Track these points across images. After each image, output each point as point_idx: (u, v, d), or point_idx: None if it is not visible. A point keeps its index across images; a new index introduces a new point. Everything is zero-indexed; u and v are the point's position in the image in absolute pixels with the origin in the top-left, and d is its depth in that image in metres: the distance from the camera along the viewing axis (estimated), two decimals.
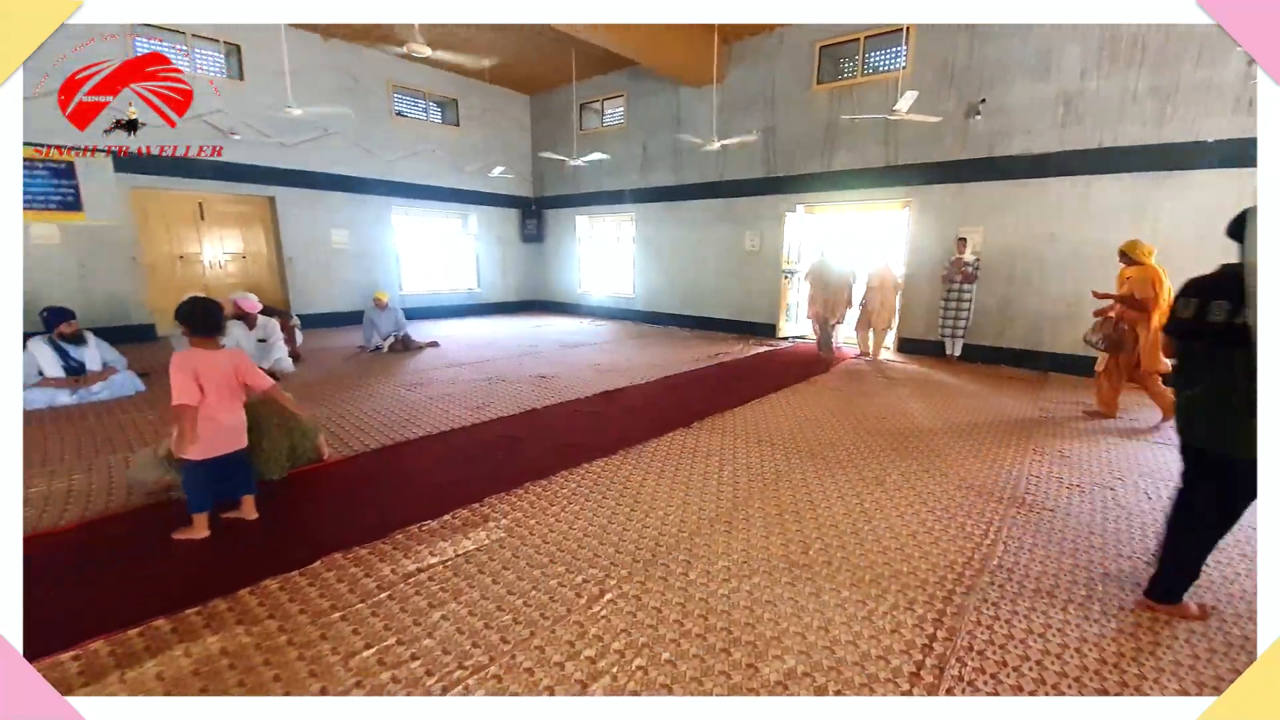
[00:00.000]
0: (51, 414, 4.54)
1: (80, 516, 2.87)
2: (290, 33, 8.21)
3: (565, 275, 12.60)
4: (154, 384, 5.33)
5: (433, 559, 2.49)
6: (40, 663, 1.83)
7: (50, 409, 4.62)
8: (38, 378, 4.72)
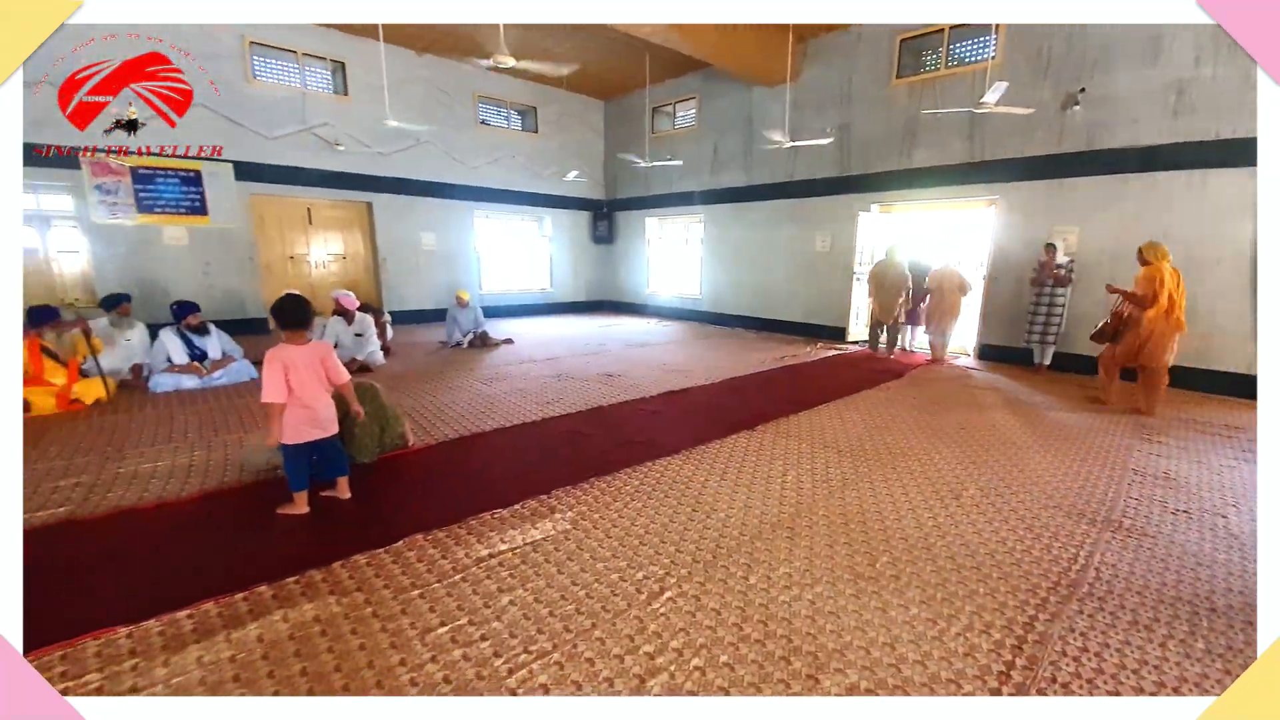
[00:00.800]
0: (177, 396, 5.07)
1: (199, 489, 3.18)
2: (389, 49, 8.73)
3: (634, 276, 12.71)
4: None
5: (503, 546, 2.58)
6: (159, 619, 2.05)
7: (177, 392, 5.16)
8: (166, 364, 5.27)
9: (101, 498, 3.05)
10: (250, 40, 8.22)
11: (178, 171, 7.80)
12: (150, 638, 1.96)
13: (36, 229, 7.27)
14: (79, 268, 7.53)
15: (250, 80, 8.29)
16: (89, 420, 4.40)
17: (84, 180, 7.22)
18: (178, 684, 1.75)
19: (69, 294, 7.41)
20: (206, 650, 1.90)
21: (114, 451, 3.74)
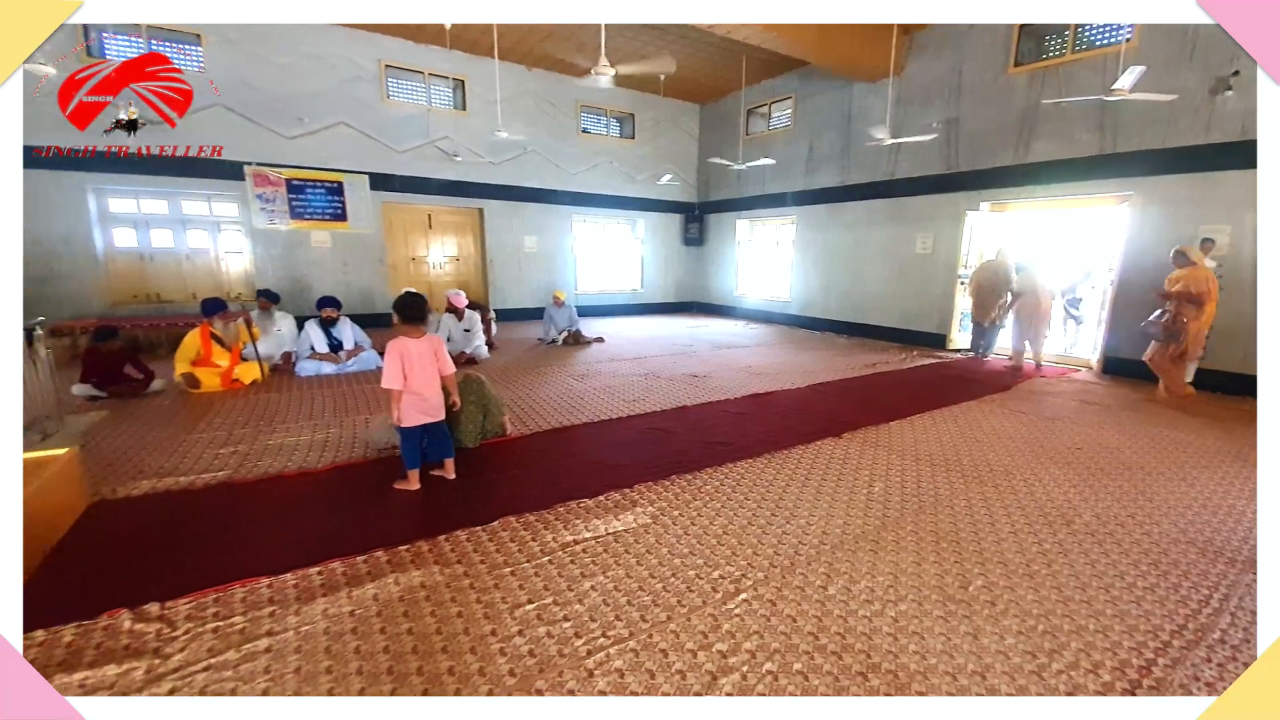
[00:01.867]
0: (317, 380, 5.67)
1: (332, 462, 3.55)
2: (502, 66, 9.23)
3: (723, 278, 12.59)
4: None
5: (587, 533, 2.68)
6: (295, 573, 2.32)
7: (317, 376, 5.77)
8: (309, 351, 5.91)
9: (254, 464, 3.49)
10: (386, 64, 8.99)
11: (324, 182, 8.71)
12: (286, 589, 2.23)
13: (209, 232, 8.39)
14: (242, 266, 8.60)
15: (385, 100, 9.08)
16: (246, 398, 5.03)
17: (248, 190, 8.24)
18: (306, 632, 1.97)
19: (233, 289, 8.48)
20: (331, 604, 2.13)
21: (265, 426, 4.25)
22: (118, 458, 3.56)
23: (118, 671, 1.77)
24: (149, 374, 5.12)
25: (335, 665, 1.82)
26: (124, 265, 7.90)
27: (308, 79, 8.44)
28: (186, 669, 1.79)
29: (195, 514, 2.86)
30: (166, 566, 2.37)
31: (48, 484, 2.54)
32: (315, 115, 8.56)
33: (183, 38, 7.72)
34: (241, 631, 1.97)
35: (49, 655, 1.84)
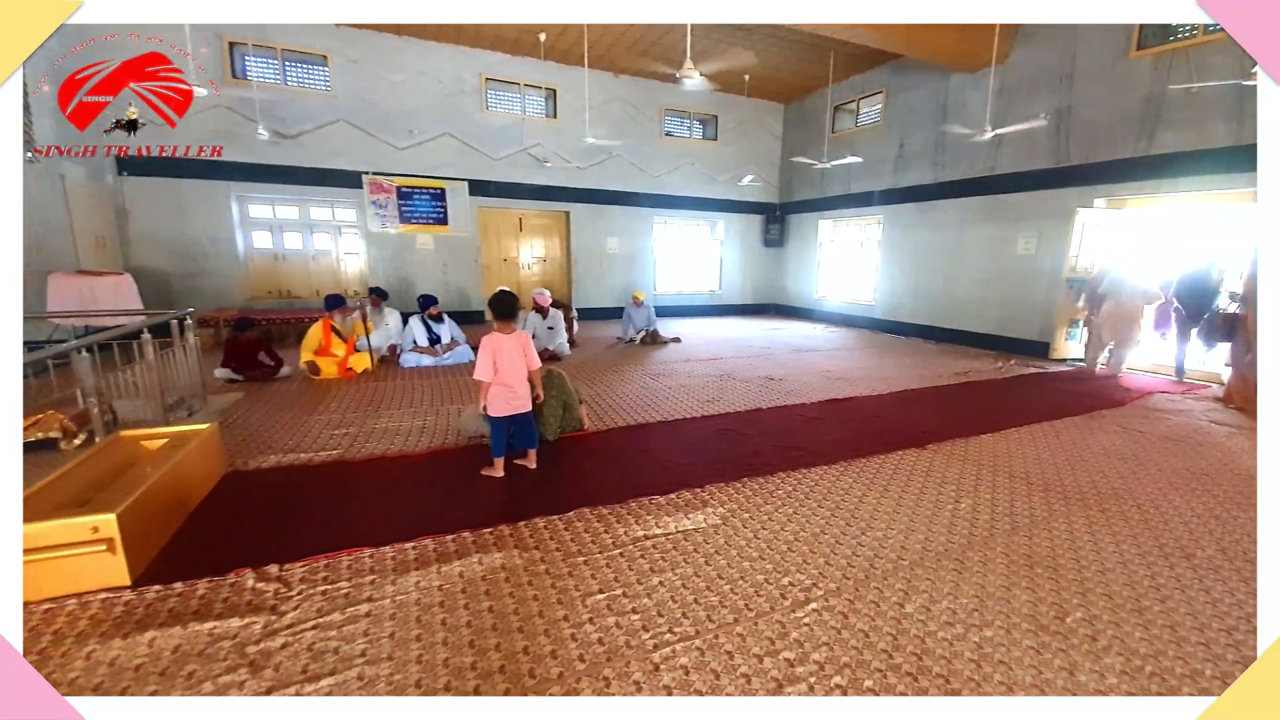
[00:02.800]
0: (418, 371, 6.06)
1: (428, 446, 3.79)
2: (591, 74, 9.44)
3: (803, 280, 12.19)
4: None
5: (658, 530, 2.69)
6: (393, 546, 2.49)
7: (418, 367, 6.17)
8: (412, 345, 6.33)
9: (362, 446, 3.79)
10: (486, 77, 9.45)
11: (429, 189, 9.31)
12: (385, 560, 2.40)
13: (331, 235, 9.18)
14: (358, 266, 9.35)
15: (484, 111, 9.55)
16: (358, 385, 5.47)
17: (364, 197, 8.94)
18: (400, 601, 2.12)
19: (350, 286, 9.22)
20: (422, 577, 2.27)
21: (373, 411, 4.61)
22: (250, 434, 3.98)
23: (240, 624, 1.98)
24: (279, 361, 5.70)
25: (424, 634, 1.94)
26: (260, 264, 8.81)
27: (417, 94, 9.03)
28: (298, 626, 1.98)
29: (312, 487, 3.15)
30: (286, 533, 2.63)
31: (192, 454, 2.88)
32: (423, 127, 9.15)
33: (312, 59, 8.48)
34: (346, 596, 2.15)
35: (185, 605, 2.09)
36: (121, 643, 1.87)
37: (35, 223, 6.14)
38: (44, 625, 1.96)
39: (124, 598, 2.12)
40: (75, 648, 1.85)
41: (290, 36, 8.20)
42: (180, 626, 1.95)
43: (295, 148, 8.46)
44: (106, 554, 2.14)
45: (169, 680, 1.72)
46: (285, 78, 8.39)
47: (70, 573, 2.11)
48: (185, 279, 8.14)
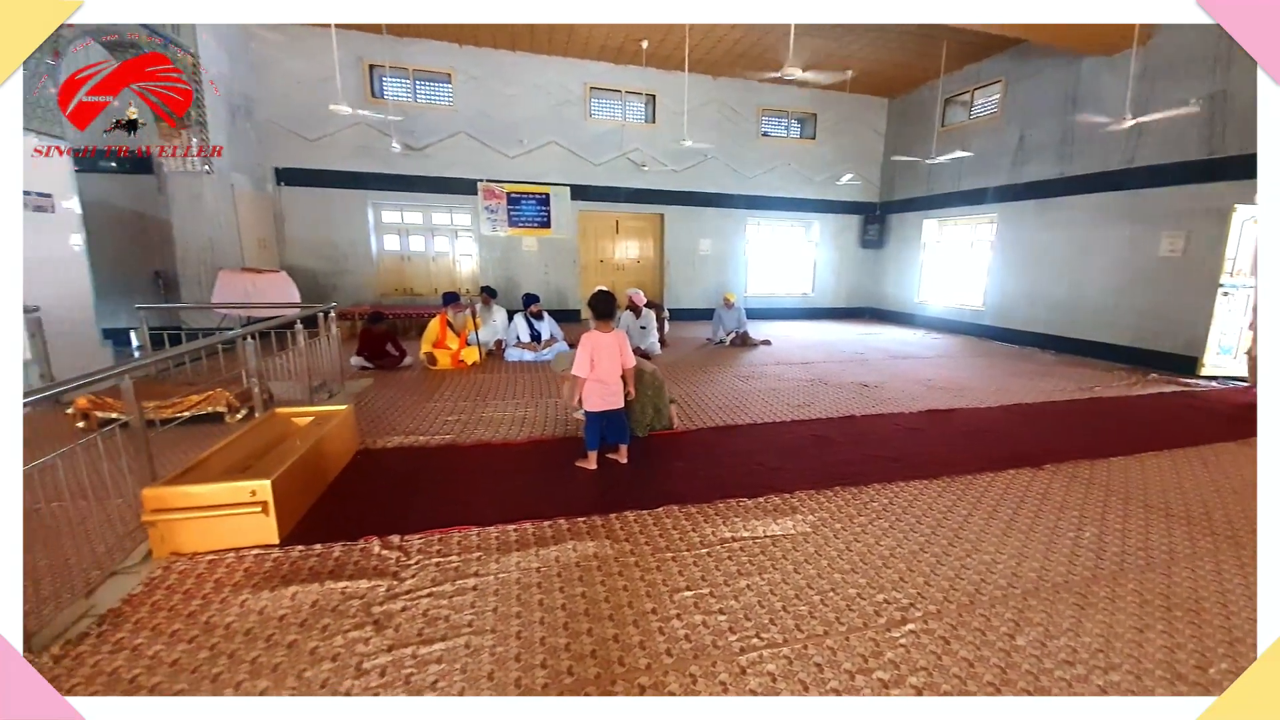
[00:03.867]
0: (520, 365, 6.38)
1: (527, 436, 3.97)
2: (690, 78, 9.43)
3: (903, 283, 11.42)
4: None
5: (745, 533, 2.64)
6: (497, 527, 2.63)
7: (520, 362, 6.49)
8: (516, 340, 6.66)
9: (471, 432, 4.04)
10: (590, 86, 9.73)
11: (535, 195, 9.76)
12: (489, 540, 2.55)
13: (449, 239, 9.85)
14: (470, 267, 9.97)
15: (588, 119, 9.84)
16: (468, 376, 5.84)
17: (478, 203, 9.52)
18: (502, 578, 2.24)
19: (463, 285, 9.85)
20: (522, 559, 2.39)
21: (480, 400, 4.90)
22: (378, 416, 4.37)
23: (368, 586, 2.18)
24: (403, 352, 6.22)
25: (524, 612, 2.04)
26: (389, 264, 9.64)
27: (528, 105, 9.47)
28: (415, 592, 2.15)
29: (428, 467, 3.40)
30: (406, 507, 2.86)
31: (332, 432, 3.21)
32: (532, 136, 9.58)
33: (438, 77, 9.14)
34: (456, 569, 2.31)
35: (322, 565, 2.33)
36: (269, 594, 2.12)
37: (210, 226, 7.11)
38: (208, 573, 2.27)
39: (272, 555, 2.40)
40: (232, 595, 2.12)
41: (421, 58, 8.89)
42: (318, 584, 2.18)
43: (421, 159, 9.17)
44: (261, 515, 2.43)
45: (307, 630, 1.93)
46: (415, 95, 9.12)
47: (231, 529, 2.42)
48: (328, 277, 9.09)
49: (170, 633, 1.91)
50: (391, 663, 1.78)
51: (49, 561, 2.30)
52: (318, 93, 8.19)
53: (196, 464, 2.62)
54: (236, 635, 1.90)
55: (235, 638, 1.89)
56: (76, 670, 1.72)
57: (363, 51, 8.55)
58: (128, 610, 2.02)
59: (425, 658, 1.80)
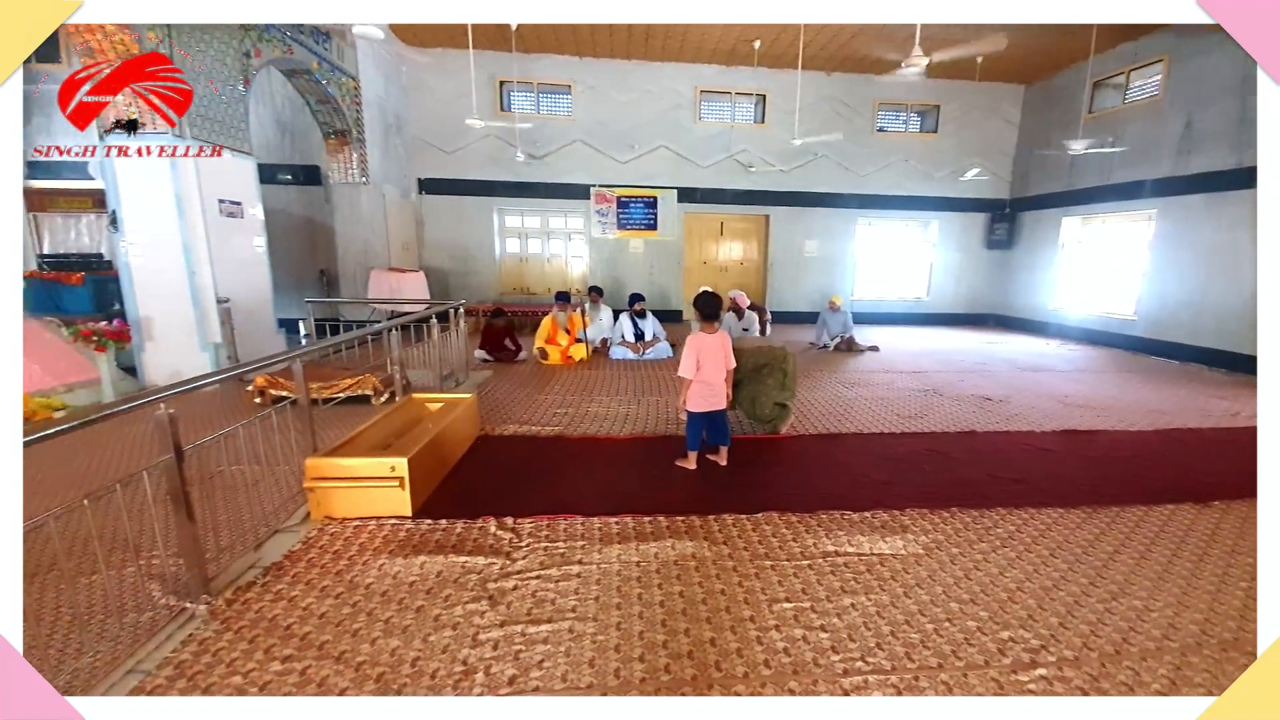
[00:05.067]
0: (623, 363, 6.50)
1: (630, 433, 4.03)
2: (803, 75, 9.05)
3: (1035, 287, 10.17)
4: (678, 354, 6.90)
5: (849, 548, 2.49)
6: (600, 518, 2.69)
7: (623, 360, 6.61)
8: (620, 339, 6.80)
9: (578, 425, 4.18)
10: (701, 89, 9.69)
11: (643, 198, 9.91)
12: (592, 530, 2.61)
13: (562, 241, 10.28)
14: (581, 268, 10.33)
15: (697, 122, 9.81)
16: (576, 372, 6.06)
17: (590, 207, 9.83)
18: (604, 569, 2.28)
19: (573, 284, 10.23)
20: (623, 551, 2.42)
21: (586, 395, 5.05)
22: (496, 406, 4.66)
23: (485, 562, 2.32)
24: (519, 346, 6.59)
25: (623, 604, 2.06)
26: (510, 265, 10.26)
27: (640, 111, 9.63)
28: (525, 573, 2.25)
29: (539, 456, 3.56)
30: (518, 491, 3.01)
31: (459, 418, 3.46)
32: (642, 141, 9.73)
33: (559, 89, 9.57)
34: (562, 555, 2.39)
35: (446, 539, 2.51)
36: (402, 561, 2.32)
37: (365, 230, 7.97)
38: (354, 537, 2.53)
39: (405, 526, 2.63)
40: (372, 559, 2.35)
41: (545, 72, 9.35)
42: (442, 556, 2.36)
43: (541, 166, 9.64)
44: (398, 489, 2.67)
45: (433, 597, 2.09)
46: (538, 107, 9.62)
47: (373, 500, 2.68)
48: (457, 276, 9.85)
49: (321, 588, 2.15)
50: (503, 637, 1.87)
51: (227, 516, 2.69)
52: (455, 109, 8.88)
53: (348, 440, 2.93)
54: (374, 595, 2.10)
55: (373, 598, 2.09)
56: (244, 614, 1.99)
57: (495, 69, 9.14)
58: (287, 564, 2.31)
59: (533, 637, 1.88)
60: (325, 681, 1.67)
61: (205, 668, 1.72)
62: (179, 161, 4.70)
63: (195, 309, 4.92)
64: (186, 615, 1.96)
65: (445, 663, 1.76)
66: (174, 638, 1.85)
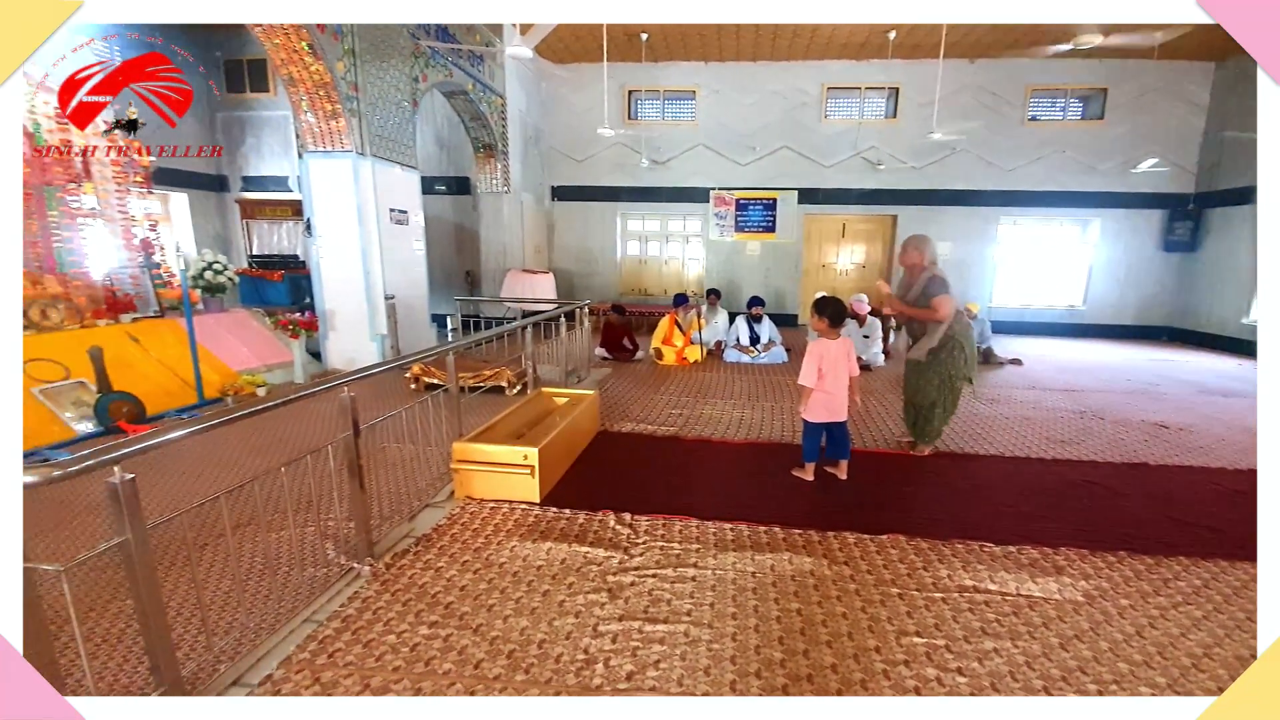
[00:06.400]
0: (737, 367, 6.36)
1: (744, 437, 3.93)
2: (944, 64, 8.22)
3: (1224, 296, 8.36)
4: (793, 359, 6.61)
5: (991, 585, 2.20)
6: (714, 523, 2.63)
7: (737, 363, 6.47)
8: (735, 342, 6.66)
9: (692, 427, 4.15)
10: (828, 86, 9.20)
11: (762, 200, 9.64)
12: (707, 534, 2.57)
13: (679, 244, 10.31)
14: (697, 270, 10.29)
15: (822, 120, 9.34)
16: (690, 373, 6.03)
17: (709, 210, 9.75)
18: (719, 575, 2.23)
19: (689, 286, 10.21)
20: (739, 560, 2.35)
21: (700, 398, 5.01)
22: (614, 403, 4.77)
23: (605, 555, 2.37)
24: (636, 346, 6.71)
25: (739, 614, 2.00)
26: (629, 267, 10.50)
27: (763, 112, 9.36)
28: (642, 570, 2.27)
29: (654, 454, 3.59)
30: (635, 488, 3.05)
31: (582, 413, 3.58)
32: (764, 143, 9.46)
33: (684, 95, 9.59)
34: (678, 556, 2.37)
35: (570, 528, 2.60)
36: (531, 545, 2.44)
37: (505, 235, 8.58)
38: (490, 517, 2.70)
39: (534, 512, 2.76)
40: (505, 540, 2.49)
41: (671, 79, 9.43)
42: (566, 544, 2.45)
43: (664, 171, 9.74)
44: (529, 477, 2.82)
45: (559, 582, 2.18)
46: (664, 114, 9.72)
47: (507, 484, 2.85)
48: (581, 278, 10.28)
49: (462, 562, 2.33)
50: (622, 631, 1.90)
51: (388, 489, 3.00)
52: (587, 119, 9.25)
53: (487, 428, 3.15)
54: (507, 575, 2.23)
55: (506, 577, 2.22)
56: (399, 578, 2.20)
57: (625, 79, 9.38)
58: (435, 536, 2.53)
59: (650, 635, 1.88)
60: (464, 651, 1.79)
61: (366, 624, 1.92)
62: (361, 176, 5.36)
63: (368, 304, 5.60)
64: (353, 574, 2.22)
65: (569, 649, 1.82)
66: (342, 594, 2.10)
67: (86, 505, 2.79)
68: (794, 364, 6.39)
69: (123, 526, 1.35)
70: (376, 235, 5.57)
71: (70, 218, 4.83)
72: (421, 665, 1.73)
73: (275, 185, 8.98)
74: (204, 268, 5.51)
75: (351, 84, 5.12)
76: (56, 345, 4.12)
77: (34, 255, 4.65)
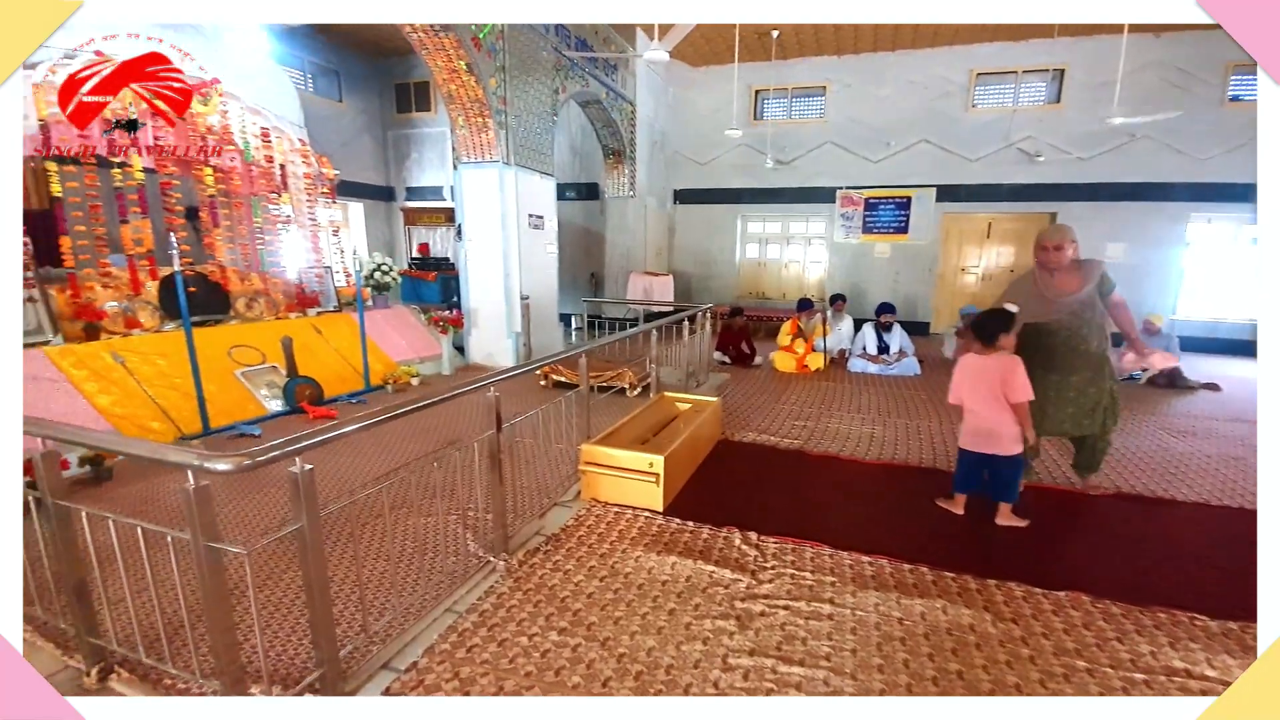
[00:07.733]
0: (864, 377, 5.83)
1: (878, 458, 3.54)
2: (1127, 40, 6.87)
3: None
4: (926, 371, 5.95)
5: (1209, 671, 1.72)
6: (850, 555, 2.35)
7: (863, 373, 5.93)
8: (861, 350, 6.12)
9: (818, 441, 3.84)
10: (977, 72, 8.14)
11: (895, 199, 8.79)
12: (843, 565, 2.30)
13: (801, 246, 9.75)
14: (819, 274, 9.67)
15: (969, 109, 8.29)
16: (811, 382, 5.63)
17: (834, 211, 9.10)
18: (860, 618, 1.97)
19: (810, 290, 9.63)
20: (882, 601, 2.07)
21: (825, 409, 4.64)
22: (734, 410, 4.56)
23: (731, 576, 2.21)
24: (754, 350, 6.42)
25: (886, 666, 1.74)
26: (748, 270, 10.14)
27: (899, 105, 8.52)
28: (773, 600, 2.07)
29: (779, 468, 3.35)
30: (760, 503, 2.85)
31: (705, 420, 3.44)
32: (900, 137, 8.60)
33: (814, 92, 9.02)
34: (810, 589, 2.15)
35: (694, 542, 2.47)
36: (656, 557, 2.34)
37: (628, 238, 8.68)
38: (614, 521, 2.65)
39: (657, 521, 2.67)
40: (630, 548, 2.42)
41: (799, 76, 8.90)
42: (691, 561, 2.32)
43: (789, 171, 9.26)
44: (653, 485, 2.73)
45: (684, 601, 2.06)
46: (790, 112, 9.24)
47: (631, 490, 2.78)
48: (700, 280, 10.13)
49: (589, 567, 2.29)
50: (754, 669, 1.73)
51: (523, 484, 3.05)
52: (712, 122, 9.07)
53: (612, 431, 3.13)
54: (632, 587, 2.16)
55: (631, 589, 2.14)
56: (530, 577, 2.20)
57: (752, 79, 9.03)
58: (563, 536, 2.52)
59: (785, 678, 1.69)
60: (593, 665, 1.74)
61: (500, 621, 1.94)
62: (505, 184, 5.67)
63: (506, 304, 5.93)
64: (489, 568, 2.28)
65: (697, 679, 1.69)
66: (479, 587, 2.15)
67: (258, 483, 3.00)
68: (927, 376, 5.72)
69: (300, 513, 1.44)
70: (516, 239, 5.86)
71: (271, 224, 5.65)
72: (552, 674, 1.70)
73: (433, 195, 9.91)
74: (374, 268, 6.19)
75: (501, 98, 5.43)
76: (256, 334, 4.74)
77: (243, 256, 5.51)
